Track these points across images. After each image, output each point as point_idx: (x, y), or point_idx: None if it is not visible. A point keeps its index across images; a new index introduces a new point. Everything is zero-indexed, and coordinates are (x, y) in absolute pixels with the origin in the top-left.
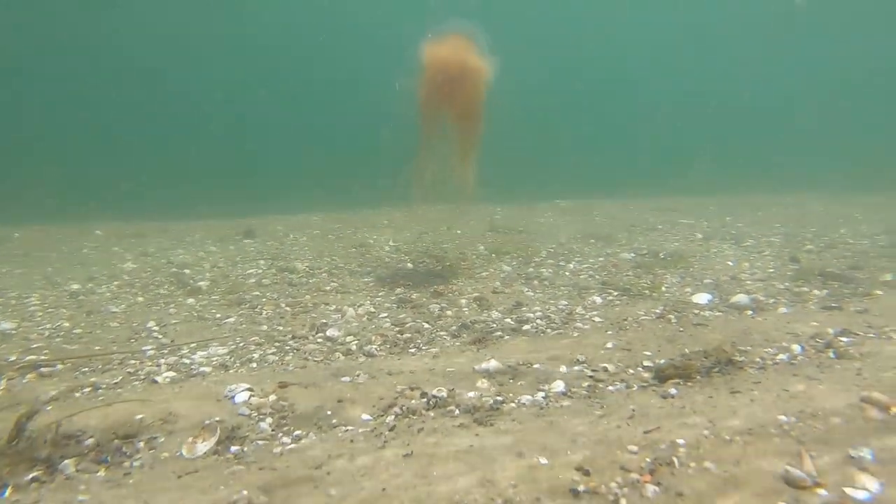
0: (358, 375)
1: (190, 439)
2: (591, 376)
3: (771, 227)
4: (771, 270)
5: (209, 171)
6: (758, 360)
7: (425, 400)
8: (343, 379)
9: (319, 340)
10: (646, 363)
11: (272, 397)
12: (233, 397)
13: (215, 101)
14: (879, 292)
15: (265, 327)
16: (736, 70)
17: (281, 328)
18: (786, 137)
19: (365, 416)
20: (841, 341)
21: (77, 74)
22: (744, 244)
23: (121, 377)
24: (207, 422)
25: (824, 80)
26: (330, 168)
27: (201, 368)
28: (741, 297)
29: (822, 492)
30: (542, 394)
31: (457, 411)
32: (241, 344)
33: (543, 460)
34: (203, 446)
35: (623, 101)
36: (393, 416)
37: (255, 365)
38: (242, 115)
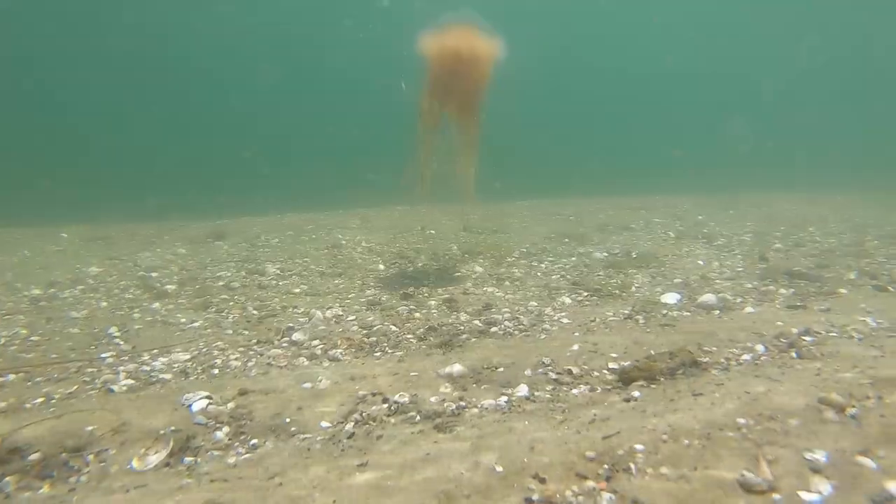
0: (320, 381)
1: (142, 451)
2: (555, 379)
3: (742, 226)
4: (740, 269)
5: (181, 172)
6: (722, 360)
7: (387, 406)
8: (305, 385)
9: (285, 345)
10: (611, 365)
11: (231, 405)
12: (190, 406)
13: (192, 99)
14: (843, 291)
15: (230, 332)
16: (713, 68)
17: (247, 332)
18: (760, 136)
19: (324, 423)
20: (804, 341)
21: (46, 72)
22: (715, 243)
23: (76, 386)
24: (162, 432)
25: (798, 81)
26: (307, 168)
27: (161, 376)
28: (708, 297)
29: (776, 496)
30: (504, 398)
31: (418, 417)
32: (205, 349)
33: (499, 468)
34: (155, 458)
35: (603, 97)
36: (353, 423)
37: (217, 371)
38: (220, 114)
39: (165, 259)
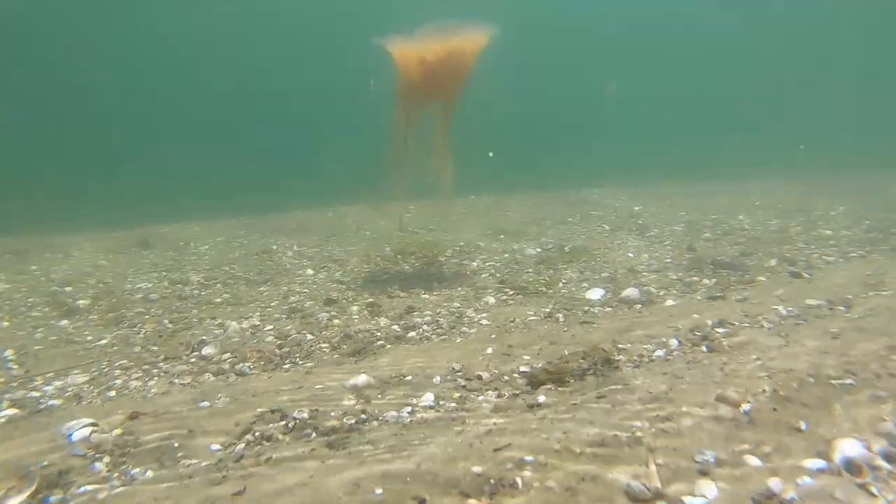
0: (219, 399)
1: (1, 493)
2: (464, 386)
3: (676, 216)
4: (668, 260)
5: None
6: (635, 357)
7: (284, 423)
8: (202, 404)
9: (193, 360)
10: (522, 368)
11: (117, 431)
12: (70, 435)
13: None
14: (762, 278)
15: (138, 348)
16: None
17: (156, 348)
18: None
19: (214, 447)
20: (717, 332)
21: None
22: (647, 235)
23: None
24: (31, 468)
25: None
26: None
27: (51, 402)
28: (631, 291)
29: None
30: (408, 409)
31: (313, 434)
32: (106, 369)
33: (378, 491)
34: (15, 500)
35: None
36: (244, 445)
37: (113, 394)
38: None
39: (83, 272)
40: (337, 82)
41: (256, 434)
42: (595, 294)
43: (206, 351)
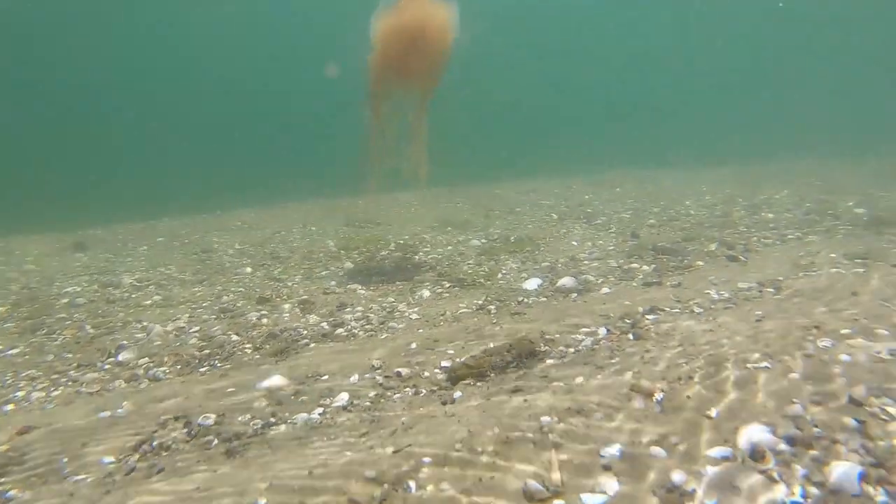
0: (123, 407)
1: None
2: (381, 384)
3: (624, 203)
4: (611, 248)
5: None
6: (562, 348)
7: (187, 430)
8: (102, 414)
9: (107, 367)
10: (444, 363)
11: (2, 448)
12: None
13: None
14: (700, 263)
15: (51, 357)
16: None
17: (70, 356)
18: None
19: (106, 459)
20: (646, 320)
21: None
22: (594, 222)
23: None
24: None
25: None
26: (202, 168)
27: None
28: (567, 280)
29: (558, 502)
30: (320, 410)
31: (215, 441)
32: (10, 381)
33: (262, 501)
34: None
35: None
36: (138, 456)
37: (10, 407)
38: (110, 114)
39: (6, 277)
40: (295, 80)
41: (154, 444)
42: (532, 284)
43: (123, 356)
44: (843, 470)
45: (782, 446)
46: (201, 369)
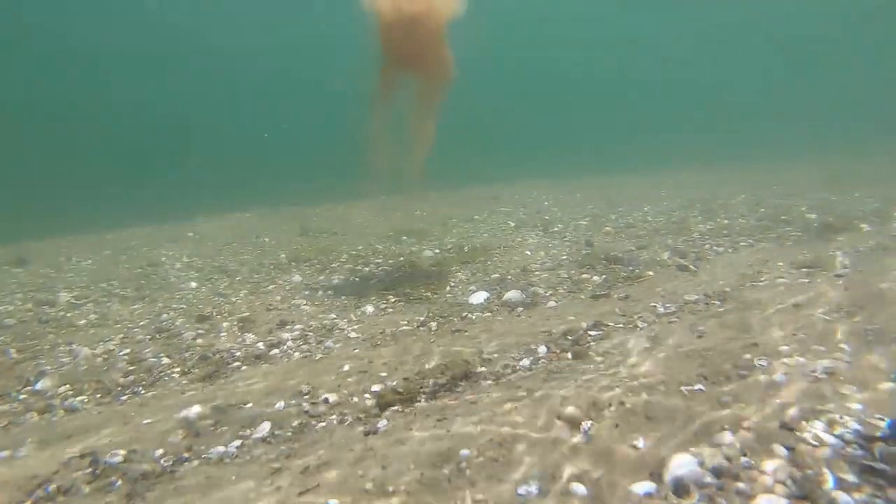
0: (26, 445)
1: None
2: (306, 411)
3: (584, 209)
4: (564, 257)
5: None
6: (498, 369)
7: (92, 470)
8: (1, 455)
9: (22, 397)
10: (375, 388)
11: None
12: None
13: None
14: (651, 273)
15: None
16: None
17: None
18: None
19: None
20: (589, 336)
21: None
22: (551, 230)
23: None
24: None
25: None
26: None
27: None
28: (513, 294)
29: None
30: (237, 443)
31: (119, 483)
32: None
33: None
34: None
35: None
36: (31, 503)
37: None
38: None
39: None
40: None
41: (51, 488)
42: (478, 298)
43: (42, 384)
44: None
45: (708, 479)
46: (122, 398)
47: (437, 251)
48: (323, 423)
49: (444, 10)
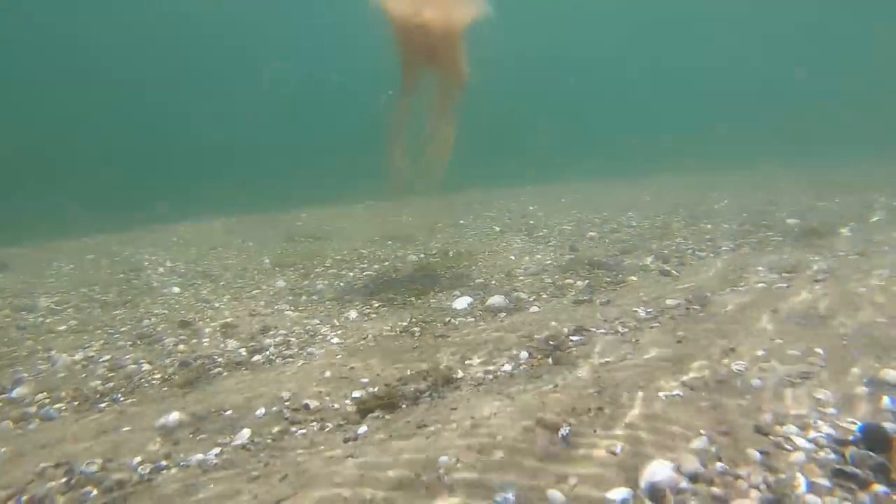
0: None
1: None
2: (287, 418)
3: (568, 214)
4: (548, 262)
5: None
6: (480, 374)
7: (66, 480)
8: None
9: None
10: (356, 394)
11: None
12: None
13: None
14: (634, 278)
15: None
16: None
17: None
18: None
19: None
20: (571, 341)
21: None
22: (535, 235)
23: None
24: None
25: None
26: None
27: None
28: (496, 299)
29: None
30: (216, 451)
31: (94, 493)
32: None
33: None
34: None
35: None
36: None
37: None
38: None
39: None
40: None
41: (24, 499)
42: (462, 303)
43: (18, 392)
44: None
45: (684, 484)
46: (100, 405)
47: (422, 255)
48: (303, 430)
49: (461, 16)
